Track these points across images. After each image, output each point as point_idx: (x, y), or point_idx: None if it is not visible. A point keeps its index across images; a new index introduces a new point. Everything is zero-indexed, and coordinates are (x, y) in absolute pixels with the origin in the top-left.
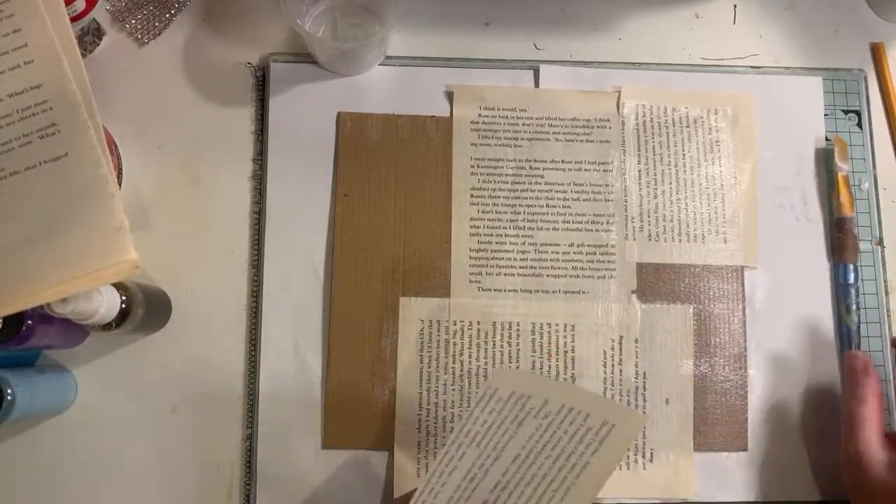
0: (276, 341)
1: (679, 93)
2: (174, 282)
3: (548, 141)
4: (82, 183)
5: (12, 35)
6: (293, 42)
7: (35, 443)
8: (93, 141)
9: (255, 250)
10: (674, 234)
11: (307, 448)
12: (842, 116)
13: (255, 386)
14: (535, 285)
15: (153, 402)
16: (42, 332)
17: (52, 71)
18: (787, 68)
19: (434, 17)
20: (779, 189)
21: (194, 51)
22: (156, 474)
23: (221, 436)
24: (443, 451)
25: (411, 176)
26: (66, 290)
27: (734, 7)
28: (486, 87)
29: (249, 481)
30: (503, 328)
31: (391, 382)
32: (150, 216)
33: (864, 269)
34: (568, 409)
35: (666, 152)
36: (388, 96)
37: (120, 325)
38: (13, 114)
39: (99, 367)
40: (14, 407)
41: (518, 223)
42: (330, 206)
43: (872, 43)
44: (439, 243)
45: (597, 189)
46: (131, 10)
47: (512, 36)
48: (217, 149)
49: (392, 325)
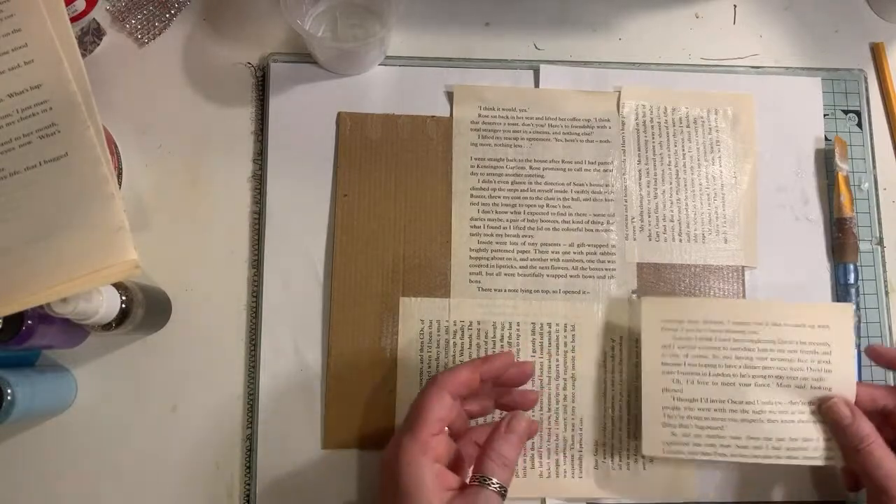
0: (276, 341)
1: (679, 93)
2: (174, 282)
3: (548, 141)
4: (82, 183)
5: (12, 35)
6: (293, 42)
7: (35, 443)
8: (93, 141)
9: (255, 250)
10: (674, 234)
11: (307, 448)
12: (842, 116)
13: (255, 386)
14: (535, 285)
15: (153, 402)
16: (42, 332)
17: (52, 71)
18: (787, 68)
19: (434, 17)
20: (779, 189)
21: (194, 51)
22: (156, 474)
23: (221, 436)
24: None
25: (411, 176)
26: (66, 290)
27: (734, 7)
28: (486, 87)
29: (249, 481)
30: (503, 328)
31: (391, 382)
32: (150, 216)
33: (864, 269)
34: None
35: (666, 152)
36: (388, 96)
37: (120, 325)
38: (13, 114)
39: (99, 367)
40: (14, 407)
41: (518, 223)
42: (330, 206)
43: (872, 43)
44: (439, 243)
45: (597, 189)
46: (131, 10)
47: (512, 36)
48: (217, 149)
49: (392, 325)
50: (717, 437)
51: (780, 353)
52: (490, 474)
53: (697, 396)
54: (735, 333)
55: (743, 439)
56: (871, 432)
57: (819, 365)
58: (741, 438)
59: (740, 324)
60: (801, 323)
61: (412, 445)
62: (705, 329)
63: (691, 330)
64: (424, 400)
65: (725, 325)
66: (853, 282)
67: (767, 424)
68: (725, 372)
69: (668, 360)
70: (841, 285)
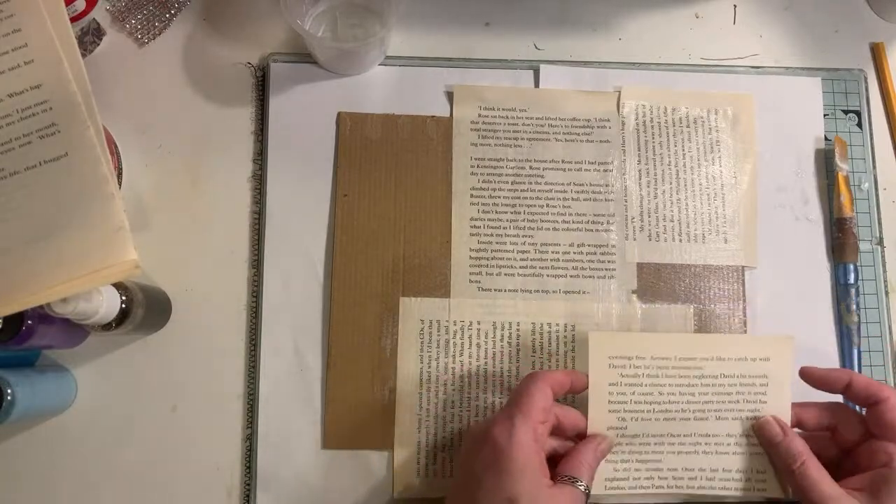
0: (276, 341)
1: (679, 93)
2: (174, 282)
3: (548, 141)
4: (82, 183)
5: (12, 35)
6: (293, 42)
7: (35, 443)
8: (93, 141)
9: (255, 250)
10: (674, 234)
11: (307, 448)
12: (842, 116)
13: (255, 386)
14: (536, 285)
15: (153, 402)
16: (42, 332)
17: (52, 71)
18: (787, 68)
19: (434, 17)
20: (779, 189)
21: (194, 51)
22: (156, 474)
23: (221, 436)
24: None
25: (411, 176)
26: (66, 290)
27: (734, 7)
28: (486, 87)
29: (249, 481)
30: (503, 328)
31: (391, 382)
32: (150, 216)
33: (864, 269)
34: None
35: (666, 152)
36: (388, 96)
37: (120, 325)
38: (13, 114)
39: (99, 367)
40: (14, 407)
41: (518, 223)
42: (330, 206)
43: (872, 43)
44: (439, 243)
45: (597, 189)
46: (131, 10)
47: (512, 36)
48: (217, 149)
49: (392, 325)
50: (656, 469)
51: (720, 386)
52: (580, 476)
53: (640, 432)
54: (681, 369)
55: (679, 471)
56: (804, 451)
57: (755, 397)
58: (677, 470)
59: (686, 359)
60: (743, 356)
61: (526, 427)
62: (652, 365)
63: (639, 367)
64: (530, 388)
65: (672, 362)
66: (853, 282)
67: (702, 456)
68: (668, 408)
69: (614, 398)
70: (841, 285)
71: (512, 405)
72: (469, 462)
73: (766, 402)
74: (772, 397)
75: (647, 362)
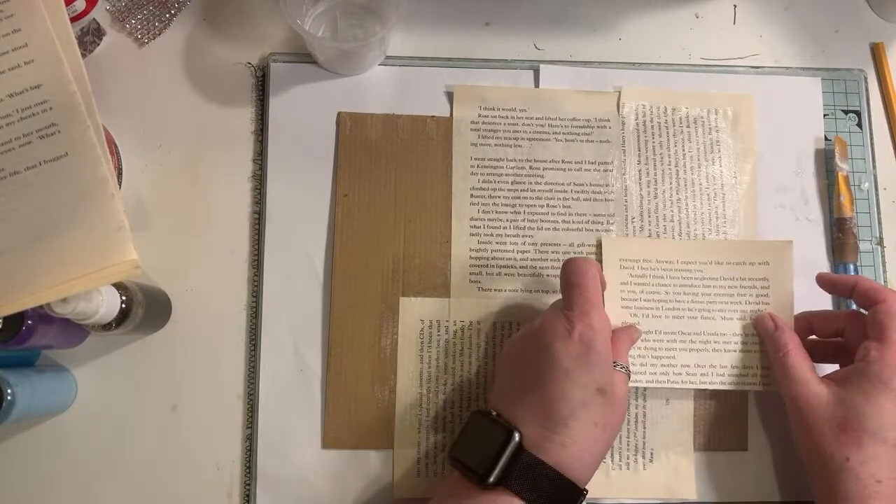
0: (276, 341)
1: (679, 93)
2: (174, 282)
3: (548, 141)
4: (82, 183)
5: (12, 35)
6: (293, 42)
7: (35, 443)
8: (93, 141)
9: (255, 250)
10: (674, 234)
11: (307, 448)
12: (842, 116)
13: (255, 386)
14: (536, 285)
15: (153, 402)
16: (42, 332)
17: (52, 71)
18: (787, 68)
19: (434, 17)
20: (779, 189)
21: (194, 51)
22: (156, 474)
23: (221, 436)
24: None
25: (411, 176)
26: (66, 290)
27: (734, 7)
28: (486, 87)
29: (249, 481)
30: (503, 328)
31: (391, 382)
32: (150, 216)
33: (865, 269)
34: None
35: (666, 152)
36: (388, 96)
37: (120, 325)
38: (13, 114)
39: (99, 367)
40: (14, 407)
41: (518, 223)
42: (330, 206)
43: (872, 43)
44: (439, 243)
45: (597, 189)
46: (131, 10)
47: (512, 36)
48: (217, 149)
49: (392, 325)
50: (670, 365)
51: (722, 288)
52: (624, 362)
53: (652, 329)
54: (683, 272)
55: (692, 367)
56: (790, 342)
57: (757, 298)
58: (690, 366)
59: (688, 262)
60: (741, 261)
61: (602, 321)
62: (657, 267)
63: (646, 268)
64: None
65: (675, 265)
66: None
67: (713, 353)
68: (676, 306)
69: (626, 295)
70: None
71: (582, 300)
72: (548, 356)
73: (769, 304)
74: (774, 298)
75: (652, 265)
